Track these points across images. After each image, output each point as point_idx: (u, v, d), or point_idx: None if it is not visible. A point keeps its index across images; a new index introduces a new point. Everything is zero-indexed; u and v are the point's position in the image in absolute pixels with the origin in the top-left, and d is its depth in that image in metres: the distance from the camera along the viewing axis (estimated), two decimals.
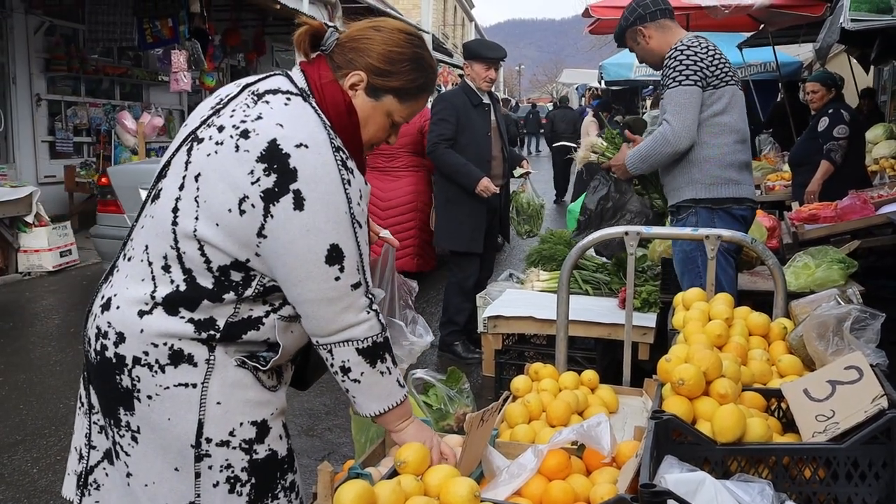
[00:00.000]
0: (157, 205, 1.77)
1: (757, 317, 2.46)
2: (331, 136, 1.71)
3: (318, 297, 1.69)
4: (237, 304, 1.74)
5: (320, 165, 1.66)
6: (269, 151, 1.64)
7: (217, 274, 1.71)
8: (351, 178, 1.71)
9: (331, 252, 1.67)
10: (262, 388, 1.82)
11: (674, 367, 1.90)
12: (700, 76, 3.53)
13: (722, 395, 1.82)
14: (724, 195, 3.59)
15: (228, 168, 1.67)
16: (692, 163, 3.61)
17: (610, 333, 4.08)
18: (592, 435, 2.04)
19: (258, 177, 1.64)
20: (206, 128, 1.75)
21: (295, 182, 1.64)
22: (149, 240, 1.77)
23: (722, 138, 3.61)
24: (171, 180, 1.76)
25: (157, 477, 1.77)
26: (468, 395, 2.71)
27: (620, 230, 3.04)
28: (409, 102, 1.87)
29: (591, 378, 2.84)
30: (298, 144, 1.65)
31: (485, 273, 6.02)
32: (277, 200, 1.64)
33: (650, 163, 3.72)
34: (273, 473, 1.83)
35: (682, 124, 3.52)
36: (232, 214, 1.66)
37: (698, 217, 3.61)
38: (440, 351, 5.98)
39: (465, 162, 5.46)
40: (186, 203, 1.71)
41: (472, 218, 5.58)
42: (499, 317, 4.30)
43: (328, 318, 1.70)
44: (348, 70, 1.81)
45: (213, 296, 1.72)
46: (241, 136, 1.67)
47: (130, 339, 1.73)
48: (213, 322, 1.73)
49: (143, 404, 1.74)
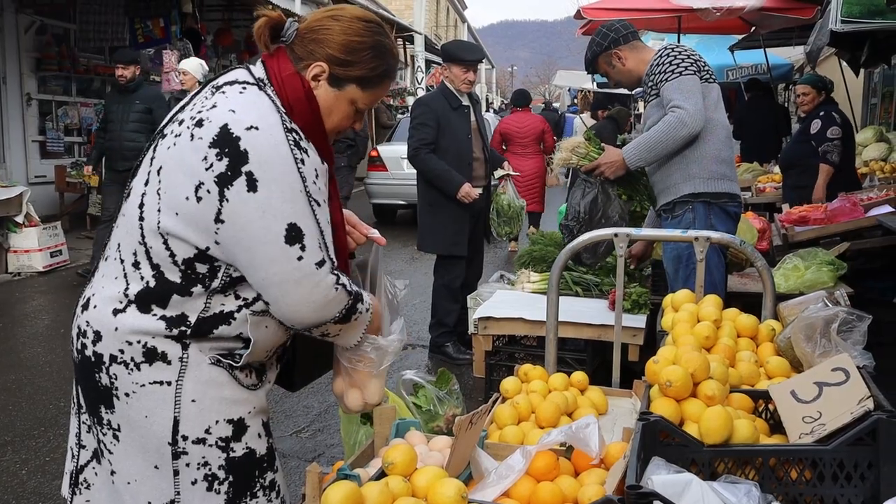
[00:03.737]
0: (128, 203, 1.81)
1: (745, 318, 2.47)
2: (283, 119, 1.73)
3: (282, 280, 1.68)
4: (207, 298, 1.75)
5: (271, 147, 1.67)
6: (220, 136, 1.66)
7: (183, 267, 1.72)
8: (304, 157, 1.72)
9: (290, 231, 1.66)
10: (239, 386, 1.82)
11: (661, 368, 1.91)
12: (696, 68, 3.56)
13: (709, 397, 1.83)
14: (721, 190, 3.61)
15: (184, 157, 1.69)
16: (689, 158, 3.61)
17: (600, 335, 4.08)
18: (581, 436, 2.04)
19: (211, 162, 1.66)
20: (171, 124, 1.80)
21: (246, 164, 1.65)
22: (121, 238, 1.80)
23: (715, 133, 3.63)
24: (139, 178, 1.81)
25: (139, 475, 1.78)
26: (458, 397, 2.72)
27: (610, 232, 3.05)
28: (371, 89, 1.88)
29: (581, 379, 2.85)
30: (249, 127, 1.67)
31: (474, 275, 6.04)
32: (231, 184, 1.65)
33: (658, 151, 3.61)
34: (251, 472, 1.84)
35: (694, 107, 3.50)
36: (189, 202, 1.68)
37: (695, 213, 3.60)
38: (431, 352, 6.00)
39: (446, 168, 5.48)
40: (150, 198, 1.74)
41: (456, 222, 5.60)
42: (489, 318, 4.30)
43: (298, 299, 1.69)
44: (309, 61, 1.83)
45: (181, 290, 1.73)
46: (196, 125, 1.70)
47: (106, 337, 1.76)
48: (184, 318, 1.74)
49: (122, 402, 1.76)
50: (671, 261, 3.75)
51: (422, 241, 5.91)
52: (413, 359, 6.04)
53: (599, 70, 3.91)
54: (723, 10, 7.91)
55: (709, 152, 3.60)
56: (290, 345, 1.97)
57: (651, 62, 3.66)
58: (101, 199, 8.67)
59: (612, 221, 3.92)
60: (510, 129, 9.91)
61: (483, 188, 5.81)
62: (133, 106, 7.83)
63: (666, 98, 3.59)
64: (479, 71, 6.51)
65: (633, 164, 3.75)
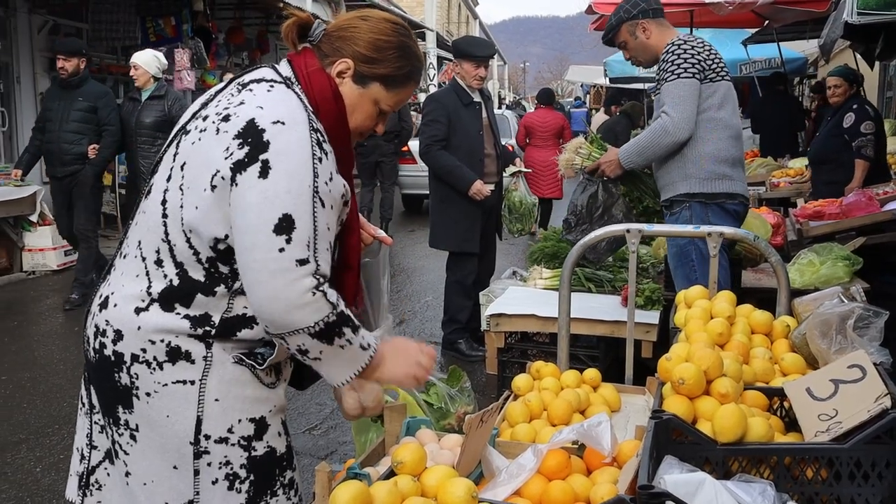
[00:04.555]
0: (149, 200, 1.80)
1: (759, 315, 2.44)
2: (310, 118, 1.72)
3: (259, 267, 1.62)
4: (230, 297, 1.74)
5: (294, 140, 1.67)
6: (245, 128, 1.66)
7: (207, 265, 1.72)
8: (323, 157, 1.70)
9: (282, 221, 1.62)
10: (261, 384, 1.81)
11: (674, 365, 1.88)
12: (698, 69, 3.54)
13: (723, 395, 1.81)
14: (717, 190, 3.60)
15: (208, 151, 1.69)
16: (687, 158, 3.61)
17: (612, 331, 4.06)
18: (593, 435, 2.02)
19: (232, 151, 1.65)
20: (194, 120, 1.79)
21: (265, 153, 1.64)
22: (141, 235, 1.79)
23: (717, 133, 3.61)
24: (161, 174, 1.80)
25: (156, 475, 1.77)
26: (469, 394, 2.70)
27: (621, 228, 3.03)
28: (395, 90, 1.88)
29: (593, 376, 2.83)
30: (276, 121, 1.67)
31: (487, 271, 6.02)
32: (245, 169, 1.64)
33: (647, 155, 3.72)
34: (272, 470, 1.83)
35: (681, 115, 3.53)
36: (206, 193, 1.68)
37: (692, 211, 3.61)
38: (444, 349, 5.98)
39: (458, 164, 5.46)
40: (173, 194, 1.73)
41: (467, 218, 5.58)
42: (501, 315, 4.28)
43: (269, 293, 1.60)
44: (335, 58, 1.83)
45: (205, 289, 1.72)
46: (222, 120, 1.70)
47: (128, 336, 1.74)
48: (208, 318, 1.73)
49: (142, 402, 1.75)
50: (672, 257, 3.75)
51: (434, 237, 5.90)
52: None
53: (619, 38, 3.86)
54: (735, 3, 7.83)
55: (706, 152, 3.58)
56: None
57: (664, 50, 3.64)
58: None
59: (615, 219, 3.92)
60: (533, 124, 10.97)
61: (495, 185, 5.79)
62: (75, 103, 6.96)
63: (661, 100, 3.63)
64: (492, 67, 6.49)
65: (626, 165, 3.81)
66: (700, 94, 3.55)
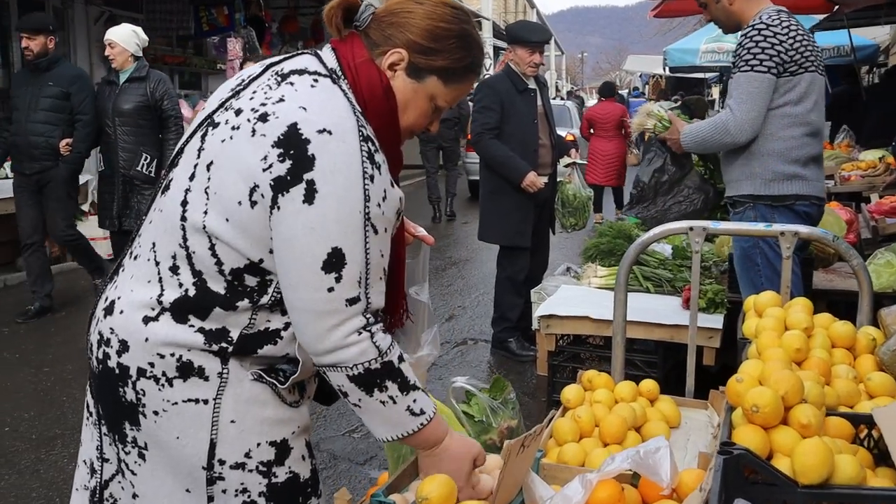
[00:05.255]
0: (167, 197, 1.60)
1: (841, 326, 2.16)
2: (360, 124, 1.51)
3: (306, 308, 1.49)
4: (253, 313, 1.56)
5: (342, 155, 1.46)
6: (287, 136, 1.45)
7: (230, 278, 1.53)
8: (375, 174, 1.50)
9: (331, 257, 1.45)
10: (282, 404, 1.63)
11: (747, 389, 1.63)
12: (776, 62, 3.22)
13: (804, 426, 1.55)
14: (785, 192, 3.30)
15: (242, 155, 1.48)
16: (753, 155, 3.32)
17: (672, 336, 3.79)
18: (649, 463, 1.78)
19: (271, 163, 1.45)
20: (223, 111, 1.57)
21: (310, 171, 1.44)
22: (156, 236, 1.60)
23: (791, 130, 3.29)
24: (182, 170, 1.59)
25: (167, 498, 1.61)
26: (513, 407, 2.47)
27: (684, 225, 2.76)
28: (454, 84, 1.65)
29: (651, 389, 2.58)
30: (321, 130, 1.45)
31: (539, 267, 5.82)
32: (287, 190, 1.44)
33: (705, 147, 3.56)
34: (294, 498, 1.66)
35: (746, 115, 3.24)
36: (242, 207, 1.48)
37: (756, 212, 3.33)
38: (493, 348, 5.80)
39: (510, 154, 5.26)
40: (196, 195, 1.53)
41: (520, 210, 5.38)
42: (552, 316, 4.03)
43: (316, 333, 1.49)
44: (387, 48, 1.60)
45: (225, 302, 1.54)
46: (259, 119, 1.49)
47: (134, 347, 1.57)
48: (225, 333, 1.55)
49: (149, 420, 1.58)
50: (737, 260, 3.48)
51: (483, 230, 5.71)
52: (474, 354, 5.83)
53: None
54: None
55: (776, 150, 3.28)
56: None
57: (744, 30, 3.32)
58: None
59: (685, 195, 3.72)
60: (595, 116, 11.62)
61: (549, 176, 5.57)
62: (44, 89, 6.09)
63: (730, 90, 3.35)
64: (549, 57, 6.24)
65: (685, 148, 3.59)
66: (776, 89, 3.24)
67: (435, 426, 1.62)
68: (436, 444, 1.65)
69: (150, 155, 6.22)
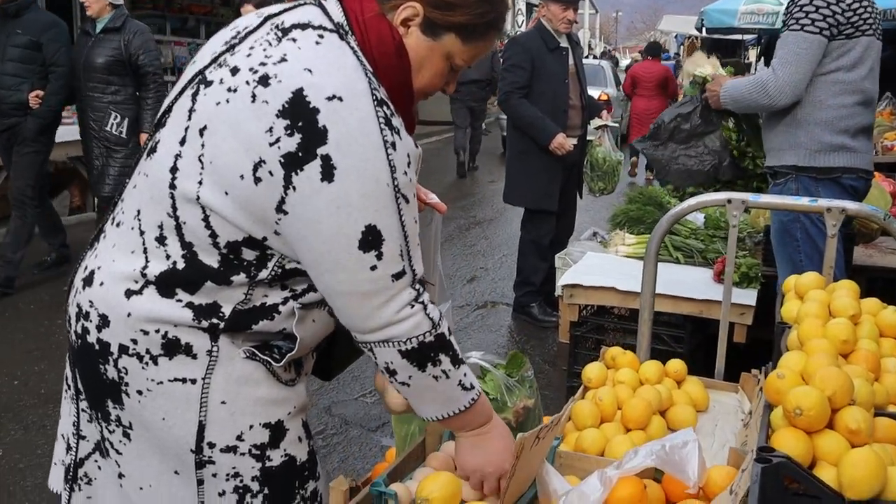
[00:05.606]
0: (154, 161, 1.44)
1: (891, 314, 1.96)
2: (373, 86, 1.34)
3: (350, 290, 1.36)
4: (249, 288, 1.42)
5: (357, 123, 1.30)
6: (293, 104, 1.29)
7: (225, 251, 1.38)
8: (396, 140, 1.34)
9: (366, 235, 1.32)
10: (277, 382, 1.51)
11: (789, 387, 1.46)
12: (830, 23, 2.99)
13: (853, 432, 1.38)
14: (831, 164, 3.09)
15: (242, 123, 1.32)
16: (799, 123, 3.11)
17: (702, 311, 3.61)
18: (676, 459, 1.63)
19: (278, 136, 1.29)
20: (217, 68, 1.40)
21: (324, 145, 1.29)
22: (141, 203, 1.45)
23: (841, 98, 3.08)
24: (171, 131, 1.42)
25: (155, 480, 1.50)
26: (531, 385, 2.32)
27: (721, 197, 2.58)
28: (473, 42, 1.48)
29: (678, 369, 2.42)
30: (331, 97, 1.29)
31: (565, 231, 5.68)
32: (301, 168, 1.29)
33: (742, 107, 3.43)
34: (290, 482, 1.54)
35: (788, 77, 3.03)
36: (245, 182, 1.32)
37: (799, 184, 3.14)
38: (515, 312, 5.68)
39: (540, 115, 5.09)
40: (188, 162, 1.37)
41: (547, 173, 5.23)
42: (576, 286, 3.87)
43: (364, 314, 1.38)
44: (399, 1, 1.43)
45: (218, 276, 1.40)
46: (259, 82, 1.32)
47: (115, 323, 1.44)
48: (216, 308, 1.41)
49: (133, 399, 1.45)
50: (774, 234, 3.30)
51: (509, 192, 5.57)
52: (495, 318, 5.70)
53: None
54: None
55: (824, 119, 3.07)
56: None
57: None
58: None
59: (697, 149, 3.58)
60: (639, 74, 12.00)
61: (578, 138, 5.39)
62: (13, 37, 5.49)
63: (776, 49, 3.14)
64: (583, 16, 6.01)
65: (722, 103, 3.44)
66: (828, 53, 3.02)
67: (484, 401, 1.54)
68: (486, 422, 1.56)
69: (121, 114, 5.59)
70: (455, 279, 6.54)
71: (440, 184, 11.17)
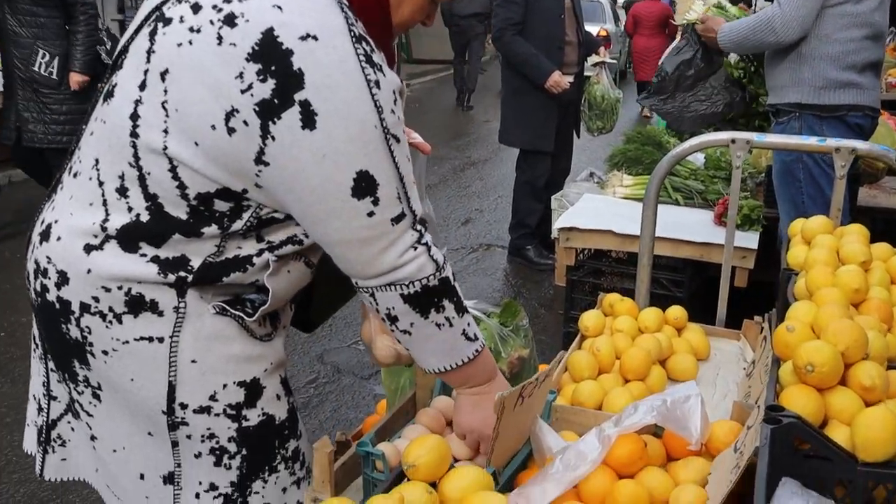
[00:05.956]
0: (111, 106, 1.32)
1: None
2: (349, 22, 1.22)
3: (347, 238, 1.28)
4: (221, 240, 1.32)
5: (335, 64, 1.19)
6: (263, 46, 1.17)
7: (195, 203, 1.28)
8: (380, 78, 1.23)
9: (358, 181, 1.22)
10: (251, 338, 1.42)
11: (800, 341, 1.37)
12: None
13: (867, 389, 1.30)
14: (836, 101, 2.98)
15: (209, 68, 1.20)
16: (804, 59, 2.98)
17: (702, 255, 3.52)
18: (678, 415, 1.55)
19: (250, 82, 1.18)
20: (176, 4, 1.27)
21: (301, 90, 1.17)
22: (100, 152, 1.34)
23: (849, 32, 2.94)
24: (129, 74, 1.30)
25: (127, 441, 1.44)
26: (525, 334, 2.24)
27: (725, 137, 2.46)
28: None
29: (679, 316, 2.35)
30: (304, 36, 1.17)
31: (561, 172, 5.57)
32: (279, 116, 1.18)
33: (746, 48, 3.31)
34: (269, 442, 1.47)
35: (795, 11, 2.90)
36: (217, 133, 1.21)
37: (802, 122, 3.03)
38: (510, 255, 5.60)
39: (534, 52, 4.94)
40: (150, 110, 1.25)
41: (543, 112, 5.10)
42: (573, 228, 3.77)
43: (364, 260, 1.30)
44: None
45: (186, 229, 1.30)
46: (224, 22, 1.19)
47: (75, 280, 1.35)
48: (184, 261, 1.32)
49: (99, 360, 1.38)
50: (777, 174, 3.20)
51: (504, 133, 5.44)
52: (490, 261, 5.62)
53: None
54: None
55: (830, 54, 2.94)
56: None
57: None
58: None
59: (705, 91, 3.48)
60: (640, 13, 11.95)
61: (575, 76, 5.25)
62: None
63: None
64: None
65: (721, 46, 3.35)
66: None
67: (487, 356, 1.47)
68: (488, 380, 1.50)
69: (49, 52, 5.03)
70: (449, 221, 6.44)
71: (434, 123, 10.98)
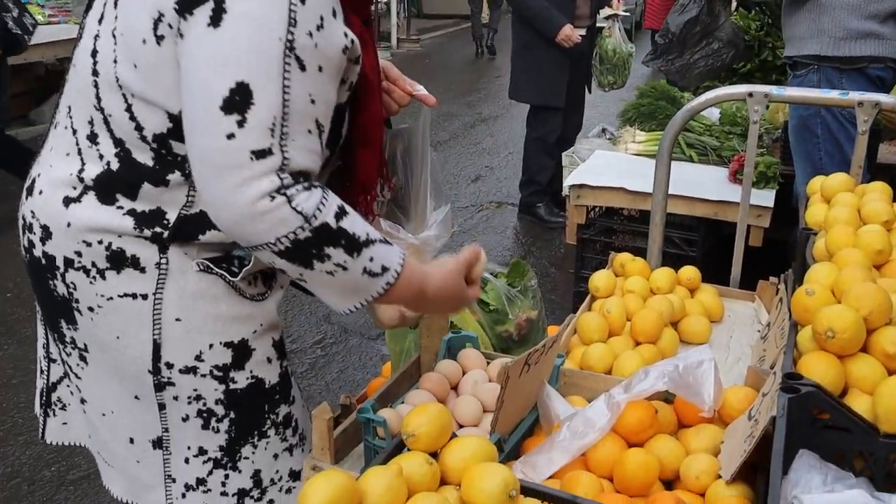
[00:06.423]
0: (79, 48, 1.31)
1: None
2: None
3: (202, 158, 1.14)
4: (190, 189, 1.27)
5: None
6: None
7: (155, 145, 1.24)
8: None
9: (233, 94, 1.10)
10: (240, 297, 1.37)
11: (819, 306, 1.31)
12: None
13: (890, 356, 1.23)
14: (857, 53, 2.86)
15: None
16: (823, 8, 2.86)
17: (717, 213, 3.43)
18: (690, 381, 1.49)
19: None
20: None
21: None
22: (72, 99, 1.32)
23: None
24: (94, 12, 1.29)
25: (115, 405, 1.41)
26: (534, 295, 2.18)
27: (743, 90, 2.37)
28: None
29: (692, 277, 2.29)
30: None
31: (573, 128, 5.47)
32: (191, 12, 1.12)
33: None
34: (259, 406, 1.43)
35: None
36: (148, 46, 1.18)
37: (821, 75, 2.92)
38: (520, 213, 5.53)
39: (545, 4, 4.82)
40: (105, 41, 1.23)
41: (554, 66, 4.98)
42: (584, 186, 3.68)
43: (216, 195, 1.14)
44: None
45: (154, 176, 1.26)
46: None
47: (57, 234, 1.32)
48: (160, 215, 1.28)
49: (86, 318, 1.35)
50: (794, 129, 3.11)
51: (515, 88, 5.34)
52: (500, 219, 5.55)
53: None
54: None
55: (850, 2, 2.84)
56: None
57: None
58: None
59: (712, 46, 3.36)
60: None
61: (587, 29, 5.12)
62: None
63: None
64: None
65: None
66: None
67: (406, 281, 1.27)
68: (417, 297, 1.33)
69: None
70: (459, 178, 6.36)
71: (445, 79, 10.83)
